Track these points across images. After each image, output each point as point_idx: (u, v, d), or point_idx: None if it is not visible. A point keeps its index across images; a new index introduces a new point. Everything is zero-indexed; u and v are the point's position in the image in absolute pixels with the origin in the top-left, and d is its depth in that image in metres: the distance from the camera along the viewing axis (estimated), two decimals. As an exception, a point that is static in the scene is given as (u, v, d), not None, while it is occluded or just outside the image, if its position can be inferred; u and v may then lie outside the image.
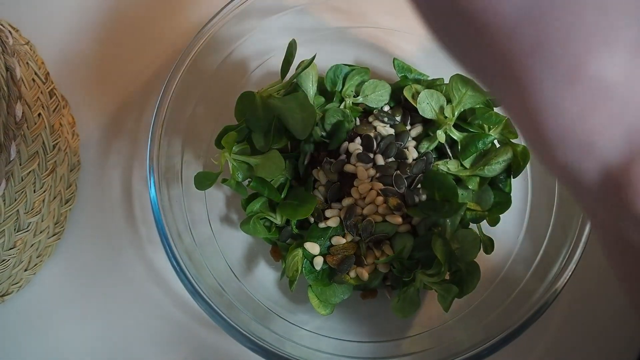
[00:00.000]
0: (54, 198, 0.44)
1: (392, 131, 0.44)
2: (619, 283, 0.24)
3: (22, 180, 0.39)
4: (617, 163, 0.19)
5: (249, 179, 0.43)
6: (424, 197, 0.42)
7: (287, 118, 0.42)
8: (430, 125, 0.44)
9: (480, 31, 0.18)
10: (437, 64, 0.47)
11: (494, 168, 0.41)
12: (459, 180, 0.42)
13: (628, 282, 0.24)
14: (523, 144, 0.42)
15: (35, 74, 0.43)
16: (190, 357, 0.46)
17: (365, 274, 0.41)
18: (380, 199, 0.41)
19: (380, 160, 0.42)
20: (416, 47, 0.48)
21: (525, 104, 0.19)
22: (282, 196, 0.43)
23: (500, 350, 0.38)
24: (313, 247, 0.41)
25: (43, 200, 0.42)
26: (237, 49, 0.45)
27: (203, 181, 0.42)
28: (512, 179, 0.43)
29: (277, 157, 0.42)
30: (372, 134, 0.43)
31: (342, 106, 0.45)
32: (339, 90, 0.45)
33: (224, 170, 0.42)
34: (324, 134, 0.44)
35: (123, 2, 0.54)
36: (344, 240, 0.42)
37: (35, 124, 0.40)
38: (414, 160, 0.43)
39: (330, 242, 0.42)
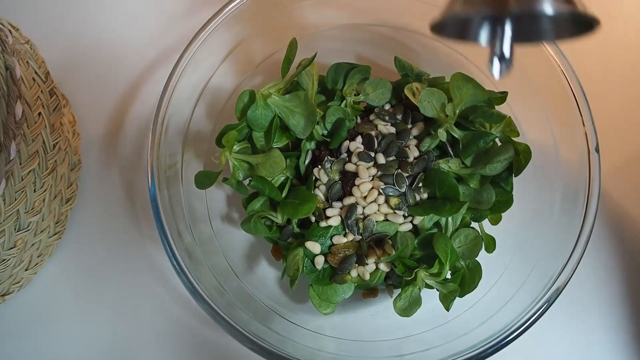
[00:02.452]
0: (55, 197, 0.44)
1: (393, 130, 0.43)
2: None
3: (22, 179, 0.39)
4: None
5: (249, 178, 0.43)
6: (425, 195, 0.42)
7: (288, 117, 0.42)
8: (431, 124, 0.44)
9: None
10: (439, 62, 0.47)
11: (496, 166, 0.41)
12: (460, 179, 0.42)
13: None
14: (525, 142, 0.41)
15: (36, 72, 0.43)
16: (191, 355, 0.46)
17: (366, 273, 0.41)
18: (381, 198, 0.41)
19: (381, 159, 0.42)
20: (418, 44, 0.47)
21: None
22: (283, 195, 0.43)
23: (503, 350, 0.37)
24: (314, 247, 0.41)
25: (43, 200, 0.42)
26: (238, 47, 0.45)
27: (203, 180, 0.42)
28: (513, 177, 0.43)
29: (278, 156, 0.42)
30: (373, 133, 0.43)
31: (343, 105, 0.45)
32: (340, 88, 0.45)
33: (224, 170, 0.42)
34: (325, 132, 0.44)
35: (124, 1, 0.54)
36: (345, 240, 0.42)
37: (36, 123, 0.40)
38: (415, 159, 0.43)
39: (331, 241, 0.42)
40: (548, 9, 0.23)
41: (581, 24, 0.25)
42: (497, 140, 0.42)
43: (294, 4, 0.44)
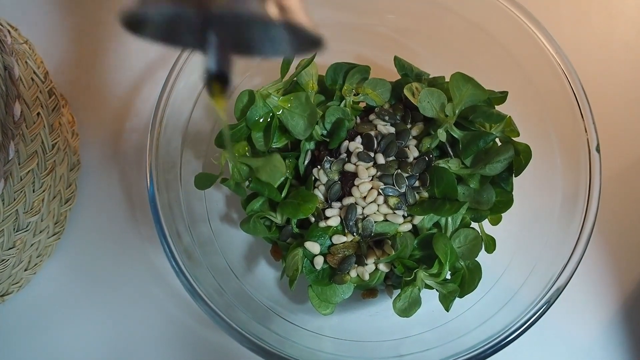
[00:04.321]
0: (54, 197, 0.44)
1: (392, 130, 0.43)
2: None
3: (21, 179, 0.39)
4: None
5: (249, 180, 0.43)
6: (425, 195, 0.42)
7: (287, 118, 0.42)
8: (431, 124, 0.43)
9: None
10: (439, 62, 0.47)
11: (495, 166, 0.41)
12: (460, 179, 0.42)
13: None
14: (525, 142, 0.41)
15: (34, 72, 0.43)
16: (190, 356, 0.46)
17: (365, 273, 0.41)
18: (381, 198, 0.41)
19: (380, 159, 0.42)
20: (418, 44, 0.47)
21: None
22: (283, 195, 0.43)
23: (503, 350, 0.37)
24: (313, 247, 0.41)
25: (42, 200, 0.42)
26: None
27: (203, 182, 0.42)
28: (514, 177, 0.42)
29: (278, 161, 0.41)
30: (372, 133, 0.43)
31: (342, 105, 0.44)
32: (339, 88, 0.45)
33: (224, 171, 0.42)
34: (324, 132, 0.44)
35: (124, 0, 0.54)
36: (344, 240, 0.41)
37: (34, 123, 0.40)
38: (414, 159, 0.42)
39: (331, 241, 0.41)
40: (252, 10, 0.18)
41: (301, 38, 0.20)
42: (497, 140, 0.42)
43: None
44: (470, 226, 0.43)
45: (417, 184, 0.42)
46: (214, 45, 0.20)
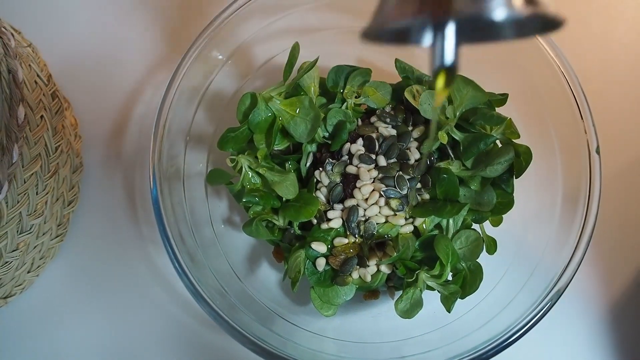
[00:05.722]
0: (57, 200, 0.44)
1: (394, 132, 0.44)
2: None
3: (25, 182, 0.39)
4: None
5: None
6: (426, 197, 0.42)
7: (289, 122, 0.42)
8: (432, 126, 0.44)
9: None
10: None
11: (496, 168, 0.41)
12: (461, 181, 0.42)
13: None
14: (525, 144, 0.42)
15: (38, 76, 0.43)
16: (193, 358, 0.46)
17: (367, 275, 0.41)
18: (382, 200, 0.41)
19: (382, 161, 0.42)
20: (418, 47, 0.47)
21: None
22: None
23: (504, 352, 0.37)
24: (319, 246, 0.41)
25: (46, 202, 0.42)
26: (239, 50, 0.45)
27: (216, 178, 0.43)
28: (514, 179, 0.43)
29: (293, 180, 0.42)
30: (374, 135, 0.43)
31: (344, 107, 0.45)
32: (341, 91, 0.45)
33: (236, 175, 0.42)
34: (325, 134, 0.44)
35: (126, 5, 0.54)
36: (346, 242, 0.42)
37: (38, 126, 0.40)
38: (416, 161, 0.43)
39: (333, 243, 0.42)
40: (500, 13, 0.19)
41: (544, 23, 0.21)
42: (497, 142, 0.43)
43: (294, 7, 0.45)
44: (472, 227, 0.43)
45: (418, 185, 0.42)
46: (450, 41, 0.21)
